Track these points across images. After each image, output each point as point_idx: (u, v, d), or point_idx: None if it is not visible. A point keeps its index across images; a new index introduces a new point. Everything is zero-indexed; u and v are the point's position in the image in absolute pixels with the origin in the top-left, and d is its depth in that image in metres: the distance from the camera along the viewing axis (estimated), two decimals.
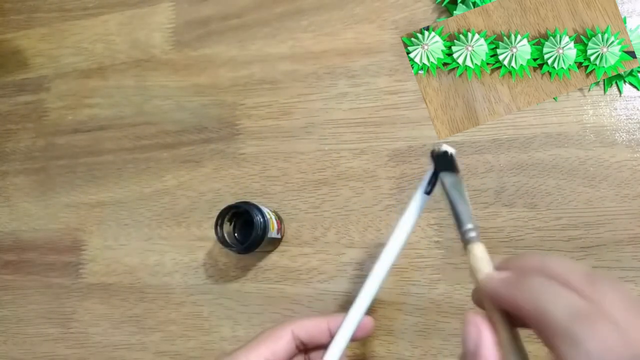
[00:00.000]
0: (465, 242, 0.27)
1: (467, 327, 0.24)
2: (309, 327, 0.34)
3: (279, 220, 0.50)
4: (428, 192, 0.31)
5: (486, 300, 0.25)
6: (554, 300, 0.21)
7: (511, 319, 0.24)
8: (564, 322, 0.20)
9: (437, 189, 0.31)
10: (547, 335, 0.21)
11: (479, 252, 0.26)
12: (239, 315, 0.51)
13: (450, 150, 0.30)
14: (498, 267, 0.26)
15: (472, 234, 0.27)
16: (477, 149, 0.48)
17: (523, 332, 0.23)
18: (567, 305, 0.21)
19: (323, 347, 0.34)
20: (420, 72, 0.51)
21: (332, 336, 0.33)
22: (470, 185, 0.48)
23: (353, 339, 0.33)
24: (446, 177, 0.30)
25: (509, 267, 0.25)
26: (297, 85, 0.54)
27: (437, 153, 0.30)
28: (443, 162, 0.30)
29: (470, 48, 0.49)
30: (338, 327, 0.33)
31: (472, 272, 0.26)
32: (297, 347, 0.34)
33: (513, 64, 0.48)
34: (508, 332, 0.23)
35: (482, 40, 0.49)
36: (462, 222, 0.27)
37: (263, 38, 0.56)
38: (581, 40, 0.47)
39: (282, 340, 0.33)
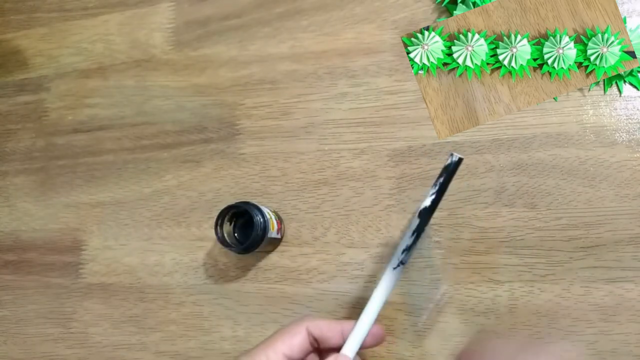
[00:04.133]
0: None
1: None
2: (323, 327, 0.35)
3: (279, 220, 0.50)
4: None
5: None
6: None
7: None
8: None
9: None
10: None
11: None
12: (239, 315, 0.51)
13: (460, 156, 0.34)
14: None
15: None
16: (477, 149, 0.48)
17: None
18: None
19: (332, 349, 0.35)
20: (420, 72, 0.51)
21: (344, 339, 0.34)
22: (470, 185, 0.48)
23: (364, 347, 0.34)
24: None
25: None
26: (297, 85, 0.54)
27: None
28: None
29: (470, 48, 0.49)
30: (351, 329, 0.34)
31: None
32: (311, 343, 0.35)
33: (513, 64, 0.48)
34: None
35: (482, 40, 0.49)
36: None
37: (263, 38, 0.56)
38: (581, 40, 0.47)
39: (299, 336, 0.34)
